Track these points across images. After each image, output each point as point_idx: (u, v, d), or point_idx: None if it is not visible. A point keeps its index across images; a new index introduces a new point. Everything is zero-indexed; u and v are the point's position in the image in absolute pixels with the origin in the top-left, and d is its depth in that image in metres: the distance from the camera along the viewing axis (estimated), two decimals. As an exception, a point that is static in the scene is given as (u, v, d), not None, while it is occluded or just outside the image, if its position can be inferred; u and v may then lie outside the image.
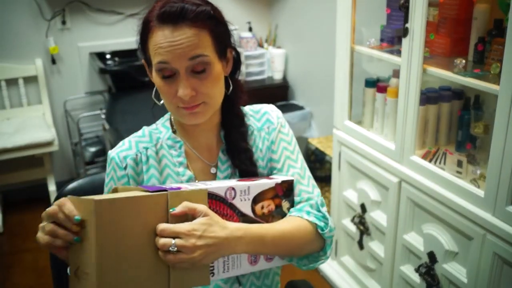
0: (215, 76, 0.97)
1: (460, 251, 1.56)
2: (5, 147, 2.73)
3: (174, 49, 0.92)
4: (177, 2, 0.94)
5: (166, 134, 1.07)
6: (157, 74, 0.96)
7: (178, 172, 1.05)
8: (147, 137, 1.07)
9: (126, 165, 1.03)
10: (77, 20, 3.10)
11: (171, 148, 1.06)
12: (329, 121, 2.40)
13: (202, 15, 0.94)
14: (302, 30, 3.11)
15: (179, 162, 1.06)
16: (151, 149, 1.05)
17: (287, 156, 1.11)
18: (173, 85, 0.95)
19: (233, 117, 1.08)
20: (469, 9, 1.64)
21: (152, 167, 1.04)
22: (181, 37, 0.92)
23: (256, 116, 1.13)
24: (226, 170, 1.08)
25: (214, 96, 0.99)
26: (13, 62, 3.02)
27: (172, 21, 0.92)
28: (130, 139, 1.07)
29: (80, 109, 3.23)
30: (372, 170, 1.91)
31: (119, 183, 1.03)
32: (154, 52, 0.94)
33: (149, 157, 1.04)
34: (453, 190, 1.55)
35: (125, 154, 1.04)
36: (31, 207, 3.13)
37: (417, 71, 1.61)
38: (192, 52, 0.92)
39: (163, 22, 0.93)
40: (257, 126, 1.12)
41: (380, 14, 1.99)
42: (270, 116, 1.13)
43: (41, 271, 2.50)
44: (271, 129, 1.12)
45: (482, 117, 1.62)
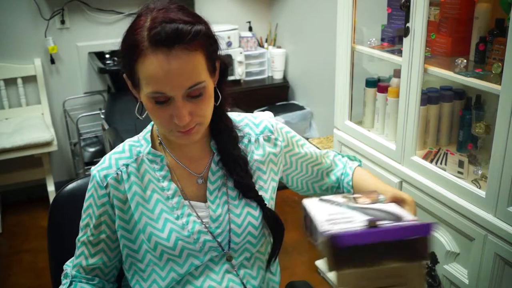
0: (209, 96, 0.94)
1: (461, 251, 1.56)
2: (4, 147, 2.72)
3: (171, 78, 0.87)
4: (167, 21, 0.87)
5: (146, 148, 1.03)
6: (149, 100, 0.91)
7: (162, 187, 1.02)
8: (127, 153, 1.03)
9: (107, 184, 0.99)
10: (76, 19, 3.09)
11: (153, 162, 1.02)
12: (329, 121, 2.39)
13: (198, 36, 0.88)
14: (303, 29, 3.10)
15: (162, 176, 1.02)
16: (131, 165, 1.01)
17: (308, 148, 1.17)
18: (167, 110, 0.90)
19: (222, 124, 1.05)
20: (470, 9, 1.64)
21: (134, 184, 1.00)
22: (177, 63, 0.86)
23: (254, 121, 1.11)
24: (216, 181, 1.05)
25: (208, 115, 0.96)
26: (11, 61, 3.01)
27: (167, 45, 0.86)
28: (111, 155, 1.03)
29: (79, 109, 3.23)
30: (373, 170, 1.90)
31: (99, 201, 1.00)
32: (147, 81, 0.89)
33: (130, 174, 1.01)
34: (454, 191, 1.54)
35: (106, 173, 1.00)
36: (30, 207, 3.12)
37: (418, 71, 1.61)
38: (190, 82, 0.88)
39: (156, 46, 0.86)
40: (255, 133, 1.09)
41: (381, 14, 1.99)
42: (268, 124, 1.11)
43: (40, 272, 2.49)
44: (272, 138, 1.10)
45: (483, 117, 1.61)
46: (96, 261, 1.04)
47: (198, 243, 1.00)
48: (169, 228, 1.00)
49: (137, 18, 0.92)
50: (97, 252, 1.04)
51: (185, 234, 1.00)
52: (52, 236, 1.18)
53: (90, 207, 1.01)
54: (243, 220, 1.04)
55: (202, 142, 1.05)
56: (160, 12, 0.89)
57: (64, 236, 1.15)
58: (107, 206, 1.00)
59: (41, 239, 2.72)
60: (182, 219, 1.01)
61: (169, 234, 0.99)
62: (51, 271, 1.20)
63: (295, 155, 1.15)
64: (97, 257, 1.04)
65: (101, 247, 1.03)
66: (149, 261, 1.01)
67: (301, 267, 2.43)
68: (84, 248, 1.04)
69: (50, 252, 1.18)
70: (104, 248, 1.03)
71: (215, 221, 1.02)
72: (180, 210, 1.01)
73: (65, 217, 1.17)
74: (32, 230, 2.88)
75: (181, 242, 0.99)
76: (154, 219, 1.00)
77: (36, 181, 3.16)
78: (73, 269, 1.05)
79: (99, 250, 1.03)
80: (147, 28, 0.88)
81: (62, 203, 1.18)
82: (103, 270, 1.05)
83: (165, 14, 0.88)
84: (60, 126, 3.23)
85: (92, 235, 1.02)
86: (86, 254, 1.04)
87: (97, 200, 1.00)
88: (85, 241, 1.03)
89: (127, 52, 0.92)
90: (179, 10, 0.90)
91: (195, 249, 1.00)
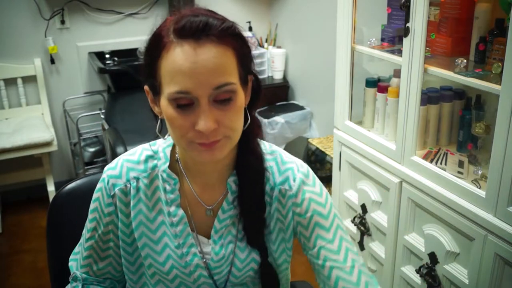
0: (239, 106, 0.82)
1: (461, 251, 1.55)
2: (4, 147, 2.73)
3: (198, 73, 0.76)
4: (198, 15, 0.79)
5: (163, 166, 0.94)
6: (170, 103, 0.80)
7: (169, 212, 0.94)
8: (142, 165, 0.94)
9: (114, 194, 0.94)
10: (76, 19, 3.09)
11: (165, 182, 0.94)
12: (329, 121, 2.39)
13: (229, 32, 0.80)
14: (303, 29, 3.10)
15: (171, 200, 0.94)
16: (143, 180, 0.94)
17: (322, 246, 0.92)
18: (190, 116, 0.79)
19: (249, 155, 0.92)
20: (470, 9, 1.64)
21: (141, 201, 0.94)
22: (205, 56, 0.77)
23: (280, 167, 0.95)
24: (225, 219, 0.95)
25: (236, 129, 0.84)
26: (11, 61, 3.01)
27: (194, 36, 0.77)
28: (124, 161, 0.95)
29: (79, 109, 3.23)
30: (373, 170, 1.90)
31: (106, 209, 0.95)
32: (171, 78, 0.78)
33: (139, 190, 0.94)
34: (454, 191, 1.54)
35: (114, 182, 0.94)
36: (30, 207, 3.12)
37: (418, 71, 1.60)
38: (218, 80, 0.78)
39: (182, 37, 0.77)
40: (274, 182, 0.94)
41: (381, 14, 1.99)
42: (291, 175, 0.94)
43: (40, 272, 2.49)
44: (287, 195, 0.93)
45: (483, 117, 1.61)
46: (105, 265, 1.02)
47: (193, 275, 0.96)
48: (167, 253, 0.95)
49: (163, 22, 0.84)
50: (106, 257, 1.01)
51: (182, 264, 0.95)
52: (52, 236, 1.18)
53: (97, 211, 0.98)
54: (246, 264, 0.98)
55: (221, 171, 0.94)
56: (188, 10, 0.82)
57: (63, 236, 1.15)
58: (113, 216, 0.96)
59: (41, 239, 2.72)
60: (183, 249, 0.95)
61: (166, 260, 0.95)
62: (51, 271, 1.20)
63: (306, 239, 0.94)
64: (107, 261, 1.02)
65: (110, 253, 1.01)
66: (142, 274, 1.00)
67: (301, 267, 2.43)
68: (92, 251, 1.01)
69: (50, 252, 1.18)
70: (112, 254, 1.01)
71: (216, 261, 0.96)
72: (183, 239, 0.95)
73: (65, 217, 1.17)
74: (32, 230, 2.88)
75: (176, 271, 0.96)
76: (154, 240, 0.96)
77: (36, 181, 3.17)
78: (82, 272, 1.03)
79: (108, 256, 1.01)
80: (173, 22, 0.80)
81: (61, 203, 1.18)
82: (113, 273, 1.03)
83: (194, 10, 0.82)
84: (60, 126, 3.24)
85: (101, 240, 1.00)
86: (95, 258, 1.01)
87: (104, 207, 0.96)
88: (94, 246, 1.00)
89: (149, 51, 0.83)
90: (209, 11, 0.83)
91: (189, 280, 0.97)
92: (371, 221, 1.95)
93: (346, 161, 2.08)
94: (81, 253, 1.02)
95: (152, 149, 0.96)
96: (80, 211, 1.03)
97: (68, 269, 1.06)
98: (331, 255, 0.91)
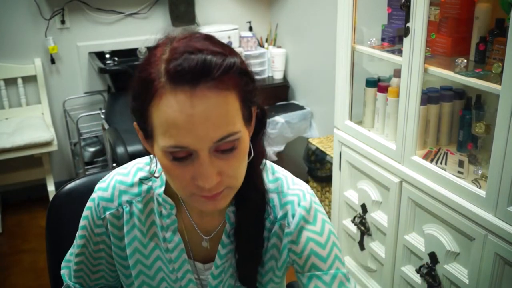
0: (244, 152, 0.73)
1: (461, 251, 1.55)
2: (4, 147, 2.73)
3: (195, 127, 0.66)
4: (191, 50, 0.67)
5: (160, 189, 0.86)
6: (164, 155, 0.70)
7: (164, 238, 0.88)
8: (135, 188, 0.87)
9: (104, 217, 0.88)
10: (77, 19, 3.09)
11: (161, 206, 0.87)
12: (329, 121, 2.39)
13: (231, 71, 0.68)
14: (303, 29, 3.10)
15: (167, 225, 0.87)
16: (136, 204, 0.87)
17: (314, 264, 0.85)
18: (189, 168, 0.70)
19: (251, 191, 0.83)
20: (470, 9, 1.64)
21: (135, 227, 0.88)
22: (203, 106, 0.65)
23: (281, 200, 0.86)
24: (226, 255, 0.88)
25: (240, 177, 0.75)
26: (12, 61, 3.01)
27: (190, 82, 0.65)
28: (116, 183, 0.88)
29: (79, 109, 3.23)
30: (373, 170, 1.90)
31: (95, 230, 0.90)
32: (164, 130, 0.68)
33: (133, 214, 0.87)
34: (455, 191, 1.54)
35: (105, 205, 0.87)
36: (30, 207, 3.12)
37: (418, 71, 1.60)
38: (220, 133, 0.68)
39: (176, 83, 0.66)
40: (274, 216, 0.86)
41: (381, 14, 1.99)
42: (290, 211, 0.85)
43: (40, 272, 2.49)
44: (285, 231, 0.85)
45: (483, 117, 1.61)
46: (98, 277, 0.99)
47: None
48: (160, 277, 0.91)
49: (153, 49, 0.72)
50: (98, 271, 0.99)
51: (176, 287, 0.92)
52: (51, 236, 1.18)
53: (86, 229, 0.92)
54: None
55: None
56: (182, 41, 0.70)
57: (62, 236, 1.15)
58: (103, 237, 0.91)
59: (41, 239, 2.72)
60: (178, 274, 0.90)
61: (159, 284, 0.92)
62: (50, 271, 1.19)
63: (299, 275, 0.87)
64: (99, 274, 0.99)
65: (101, 268, 0.98)
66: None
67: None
68: (83, 266, 0.97)
69: (49, 252, 1.18)
70: (104, 269, 0.98)
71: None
72: (178, 264, 0.90)
73: (64, 217, 1.17)
74: (32, 230, 2.88)
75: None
76: (147, 265, 0.91)
77: (36, 181, 3.17)
78: (75, 282, 1.00)
79: (100, 270, 0.98)
80: (165, 59, 0.68)
81: (61, 203, 1.17)
82: (109, 280, 1.01)
83: (188, 43, 0.69)
84: (60, 126, 3.24)
85: (92, 257, 0.96)
86: (87, 272, 0.98)
87: (94, 228, 0.90)
88: (84, 261, 0.96)
89: (138, 91, 0.71)
90: (206, 39, 0.71)
91: None
92: (371, 221, 1.95)
93: (346, 161, 2.08)
94: (72, 265, 0.99)
95: (145, 170, 0.88)
96: (80, 211, 1.03)
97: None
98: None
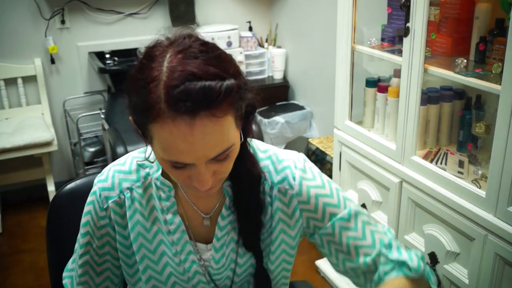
0: (236, 153, 0.80)
1: (461, 251, 1.55)
2: (4, 147, 2.72)
3: (194, 150, 0.72)
4: (190, 77, 0.69)
5: (157, 173, 0.91)
6: (163, 161, 0.77)
7: (165, 220, 0.92)
8: (134, 174, 0.92)
9: (107, 206, 0.91)
10: (76, 19, 3.09)
11: (159, 190, 0.91)
12: (329, 121, 2.39)
13: (229, 96, 0.71)
14: (303, 29, 3.10)
15: (167, 208, 0.92)
16: (136, 190, 0.91)
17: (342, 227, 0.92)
18: (185, 172, 0.77)
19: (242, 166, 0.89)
20: (470, 9, 1.64)
21: (137, 212, 0.92)
22: (203, 134, 0.71)
23: (276, 166, 0.93)
24: (226, 226, 0.93)
25: (229, 171, 0.83)
26: (12, 61, 3.01)
27: (190, 110, 0.68)
28: (115, 172, 0.92)
29: (79, 109, 3.23)
30: (373, 170, 1.90)
31: (99, 223, 0.93)
32: (164, 148, 0.74)
33: (134, 200, 0.91)
34: (455, 191, 1.54)
35: (107, 195, 0.91)
36: (30, 207, 3.12)
37: (418, 71, 1.60)
38: (217, 151, 0.74)
39: (175, 111, 0.69)
40: (272, 181, 0.92)
41: (381, 14, 1.99)
42: (290, 174, 0.92)
43: (40, 272, 2.49)
44: (289, 194, 0.92)
45: (483, 117, 1.61)
46: (102, 280, 0.99)
47: (192, 281, 0.94)
48: (164, 261, 0.94)
49: (149, 60, 0.74)
50: (103, 271, 0.98)
51: (180, 271, 0.94)
52: (51, 236, 1.18)
53: (89, 225, 0.94)
54: (245, 269, 0.96)
55: None
56: (178, 57, 0.72)
57: (63, 236, 1.15)
58: (108, 228, 0.93)
59: (41, 239, 2.72)
60: (181, 256, 0.93)
61: (164, 268, 0.94)
62: (51, 271, 1.19)
63: (321, 229, 0.93)
64: (104, 276, 0.98)
65: (107, 267, 0.98)
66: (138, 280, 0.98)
67: (301, 267, 2.43)
68: (88, 267, 0.97)
69: (50, 252, 1.18)
70: (110, 267, 0.98)
71: (217, 269, 0.95)
72: (180, 247, 0.93)
73: (64, 217, 1.17)
74: (32, 230, 2.88)
75: (174, 278, 0.94)
76: (151, 250, 0.93)
77: (36, 181, 3.17)
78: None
79: (105, 269, 0.98)
80: (164, 84, 0.70)
81: (61, 203, 1.17)
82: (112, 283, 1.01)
83: (185, 62, 0.70)
84: (60, 126, 3.23)
85: (97, 255, 0.96)
86: (92, 274, 0.98)
87: (97, 221, 0.93)
88: (89, 261, 0.96)
89: (137, 105, 0.74)
90: (201, 52, 0.73)
91: (187, 286, 0.95)
92: (371, 221, 1.95)
93: (346, 161, 2.08)
94: (76, 271, 0.99)
95: (141, 158, 0.93)
96: (80, 211, 1.03)
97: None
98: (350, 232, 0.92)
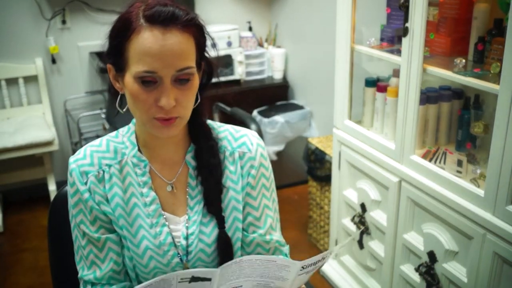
0: (195, 86, 0.94)
1: (460, 250, 1.56)
2: (5, 146, 2.73)
3: (165, 55, 0.87)
4: (163, 4, 0.89)
5: (132, 151, 1.01)
6: (136, 80, 0.89)
7: (142, 193, 1.00)
8: (111, 153, 1.01)
9: (87, 180, 0.98)
10: (77, 19, 3.10)
11: (136, 166, 1.00)
12: (329, 120, 2.40)
13: (192, 22, 0.91)
14: (302, 29, 3.11)
15: (143, 182, 1.00)
16: (114, 166, 1.00)
17: (265, 205, 1.06)
18: (153, 93, 0.89)
19: (200, 128, 1.02)
20: (469, 9, 1.64)
21: (116, 185, 0.99)
22: (172, 41, 0.87)
23: (234, 135, 1.06)
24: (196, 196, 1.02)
25: (189, 109, 0.94)
26: (13, 61, 3.02)
27: (163, 23, 0.87)
28: (92, 151, 1.01)
29: (80, 108, 3.24)
30: (372, 169, 1.91)
31: (83, 196, 0.98)
32: (139, 58, 0.88)
33: (112, 175, 0.99)
34: (453, 190, 1.54)
35: (87, 170, 0.99)
36: (31, 206, 3.13)
37: (417, 71, 1.61)
38: (182, 64, 0.89)
39: (152, 23, 0.87)
40: (232, 147, 1.04)
41: (380, 14, 1.99)
42: (248, 141, 1.05)
43: (41, 271, 2.50)
44: (246, 157, 1.04)
45: (482, 116, 1.62)
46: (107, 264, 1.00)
47: (167, 256, 0.99)
48: (142, 234, 0.99)
49: (129, 8, 0.93)
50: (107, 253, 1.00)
51: (156, 244, 0.99)
52: (53, 235, 1.19)
53: (81, 202, 0.99)
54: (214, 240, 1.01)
55: (177, 144, 1.02)
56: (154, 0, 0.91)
57: (64, 235, 1.16)
58: (91, 202, 0.98)
59: (42, 238, 2.73)
60: (156, 228, 1.00)
61: (140, 241, 0.98)
62: (52, 270, 1.20)
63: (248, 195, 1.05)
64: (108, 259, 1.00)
65: (109, 246, 1.00)
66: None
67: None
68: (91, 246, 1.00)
69: (51, 251, 1.19)
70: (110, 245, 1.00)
71: (186, 239, 1.01)
72: (156, 218, 1.00)
73: (65, 216, 1.17)
74: (33, 229, 2.89)
75: (150, 252, 0.98)
76: (130, 223, 0.99)
77: (38, 180, 3.18)
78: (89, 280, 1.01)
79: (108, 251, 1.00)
80: (142, 9, 0.89)
81: (62, 202, 1.18)
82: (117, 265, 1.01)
83: (160, 1, 0.91)
84: (61, 126, 3.24)
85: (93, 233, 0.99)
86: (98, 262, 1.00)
87: (82, 195, 0.98)
88: (92, 241, 0.99)
89: (118, 32, 0.91)
90: (172, 1, 0.92)
91: (163, 263, 0.99)
92: (371, 220, 1.96)
93: (346, 161, 2.09)
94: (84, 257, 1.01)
95: (115, 139, 1.03)
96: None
97: (68, 268, 1.07)
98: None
